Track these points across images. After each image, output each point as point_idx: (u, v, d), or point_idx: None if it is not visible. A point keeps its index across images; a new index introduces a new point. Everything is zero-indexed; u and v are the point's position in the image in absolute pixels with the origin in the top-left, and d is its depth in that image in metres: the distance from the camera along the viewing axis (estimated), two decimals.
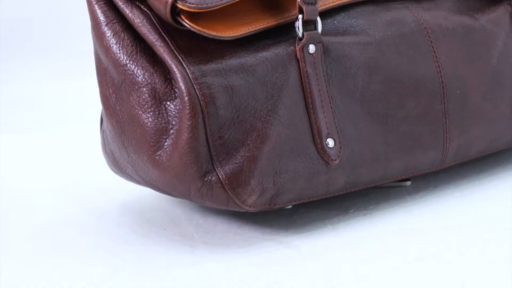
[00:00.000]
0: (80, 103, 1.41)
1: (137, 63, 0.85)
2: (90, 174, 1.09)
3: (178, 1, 0.82)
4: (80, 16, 1.21)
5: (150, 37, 0.85)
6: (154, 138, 0.85)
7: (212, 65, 0.84)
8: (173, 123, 0.84)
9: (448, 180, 1.02)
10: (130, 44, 0.86)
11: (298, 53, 0.88)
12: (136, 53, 0.86)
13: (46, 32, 1.74)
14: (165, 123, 0.84)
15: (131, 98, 0.86)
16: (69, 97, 1.47)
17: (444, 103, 0.96)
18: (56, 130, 1.31)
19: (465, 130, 0.97)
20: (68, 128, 1.31)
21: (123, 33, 0.86)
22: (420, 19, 0.97)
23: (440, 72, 0.96)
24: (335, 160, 0.88)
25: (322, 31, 0.90)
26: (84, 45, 1.22)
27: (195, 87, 0.82)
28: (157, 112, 0.85)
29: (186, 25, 0.83)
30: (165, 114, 0.84)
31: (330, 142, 0.88)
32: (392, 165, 0.93)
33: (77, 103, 1.42)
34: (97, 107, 0.95)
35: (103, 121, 0.92)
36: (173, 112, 0.84)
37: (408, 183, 1.01)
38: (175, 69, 0.83)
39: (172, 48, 0.84)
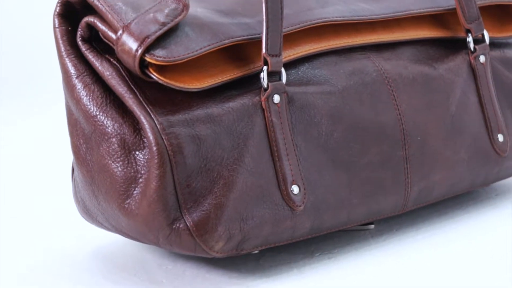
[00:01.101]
0: (51, 150, 1.40)
1: (106, 114, 0.86)
2: (62, 220, 1.09)
3: (146, 55, 0.83)
4: (51, 68, 1.21)
5: (120, 89, 0.85)
6: (124, 187, 0.85)
7: (180, 115, 0.85)
8: (142, 172, 0.84)
9: (411, 223, 1.03)
10: (100, 96, 0.87)
11: (263, 103, 0.89)
12: (106, 104, 0.86)
13: (20, 82, 1.74)
14: (134, 172, 0.85)
15: (101, 148, 0.86)
16: (39, 144, 1.47)
17: (405, 149, 0.97)
18: (28, 175, 1.31)
19: (425, 175, 0.98)
20: (40, 175, 1.30)
21: (93, 85, 0.87)
22: (381, 69, 0.98)
23: (401, 120, 0.97)
24: (299, 206, 0.89)
25: (286, 81, 0.91)
26: (55, 95, 1.23)
27: (163, 137, 0.83)
28: (126, 162, 0.85)
29: (154, 77, 0.83)
30: (134, 164, 0.85)
31: (295, 189, 0.89)
32: (356, 210, 0.94)
33: (48, 151, 1.42)
34: (69, 156, 0.96)
35: (74, 170, 0.92)
36: (142, 162, 0.84)
37: (372, 226, 1.01)
38: (143, 120, 0.84)
39: (141, 99, 0.85)
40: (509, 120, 1.07)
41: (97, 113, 0.86)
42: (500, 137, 1.05)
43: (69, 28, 0.88)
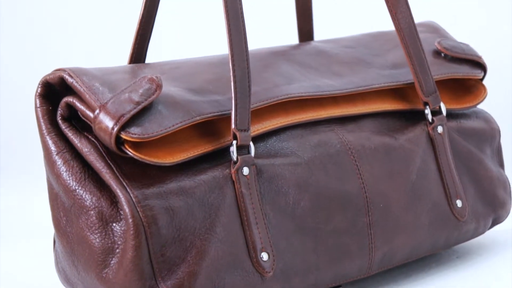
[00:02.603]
0: (35, 222, 1.42)
1: (85, 189, 0.88)
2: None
3: (121, 132, 0.85)
4: (34, 145, 1.23)
5: (97, 165, 0.88)
6: (101, 257, 0.87)
7: (154, 189, 0.87)
8: (119, 243, 0.86)
9: (376, 285, 1.05)
10: (79, 171, 0.89)
11: (233, 175, 0.91)
12: (85, 179, 0.89)
13: (2, 161, 1.76)
14: (111, 243, 0.87)
15: (80, 221, 0.88)
16: (20, 217, 1.48)
17: (369, 216, 0.99)
18: (9, 246, 1.32)
19: (389, 240, 1.01)
20: (22, 247, 1.31)
21: (73, 161, 0.89)
22: (345, 141, 1.01)
23: (364, 188, 0.99)
24: (269, 272, 0.91)
25: (255, 154, 0.93)
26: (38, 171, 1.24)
27: (138, 209, 0.85)
28: (104, 233, 0.87)
29: (129, 153, 0.86)
30: (111, 235, 0.87)
31: (264, 256, 0.91)
32: (323, 274, 0.96)
33: (29, 224, 1.43)
34: (50, 228, 0.97)
35: (56, 241, 0.94)
36: (119, 233, 0.86)
37: None
38: (119, 194, 0.86)
39: (117, 174, 0.87)
40: (467, 186, 1.09)
41: (76, 188, 0.88)
42: (459, 203, 1.07)
43: (50, 108, 0.91)
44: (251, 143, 0.92)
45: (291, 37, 1.26)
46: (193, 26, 1.81)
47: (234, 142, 0.91)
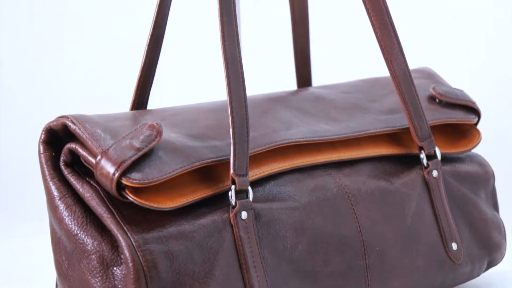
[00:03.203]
0: (37, 266, 1.42)
1: (87, 233, 0.89)
2: None
3: (122, 178, 0.86)
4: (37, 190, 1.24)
5: (99, 210, 0.88)
6: None
7: (154, 233, 0.87)
8: (119, 286, 0.87)
9: None
10: (81, 216, 0.90)
11: (231, 219, 0.92)
12: (86, 224, 0.89)
13: (7, 206, 1.77)
14: (112, 286, 0.87)
15: (82, 265, 0.89)
16: (25, 259, 1.49)
17: (365, 259, 1.00)
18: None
19: (385, 282, 1.01)
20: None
21: (75, 206, 0.90)
22: (342, 185, 1.01)
23: (361, 232, 1.00)
24: None
25: (253, 198, 0.94)
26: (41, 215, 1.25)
27: (138, 254, 0.86)
28: (104, 277, 0.87)
29: (130, 198, 0.87)
30: (112, 279, 0.87)
31: None
32: None
33: (34, 266, 1.43)
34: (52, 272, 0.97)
35: (58, 285, 0.94)
36: (119, 277, 0.87)
37: None
38: (120, 238, 0.86)
39: (118, 219, 0.87)
40: (462, 229, 1.10)
41: (78, 232, 0.89)
42: (454, 246, 1.08)
43: (53, 154, 0.92)
44: (249, 188, 0.93)
45: (290, 83, 1.27)
46: (193, 72, 1.83)
47: (233, 187, 0.92)
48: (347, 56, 1.80)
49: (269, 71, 1.72)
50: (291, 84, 1.25)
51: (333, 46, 1.79)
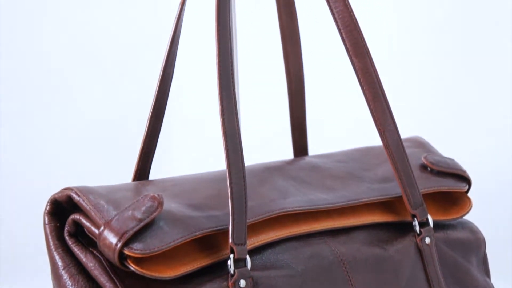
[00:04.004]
0: None
1: None
2: None
3: (124, 248, 0.87)
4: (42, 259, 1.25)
5: (101, 279, 0.89)
6: None
7: None
8: None
9: None
10: (84, 285, 0.90)
11: (230, 287, 0.92)
12: None
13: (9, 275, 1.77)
14: None
15: None
16: None
17: None
18: None
19: None
20: None
21: (78, 275, 0.91)
22: (337, 252, 1.02)
23: None
24: None
25: (251, 266, 0.95)
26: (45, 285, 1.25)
27: None
28: None
29: (132, 268, 0.87)
30: None
31: None
32: None
33: None
34: None
35: None
36: None
37: None
38: None
39: None
40: None
41: None
42: None
43: (57, 225, 0.93)
44: (248, 257, 0.94)
45: (287, 152, 1.28)
46: (194, 144, 1.85)
47: (231, 256, 0.93)
48: (341, 125, 1.83)
49: (266, 141, 1.73)
50: (287, 153, 1.27)
51: (328, 117, 1.82)
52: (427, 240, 1.09)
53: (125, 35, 1.88)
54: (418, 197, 1.09)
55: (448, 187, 1.14)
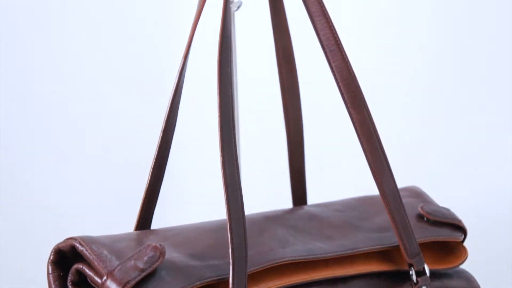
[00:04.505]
0: None
1: None
2: None
3: None
4: None
5: None
6: None
7: None
8: None
9: None
10: None
11: None
12: None
13: None
14: None
15: None
16: None
17: None
18: None
19: None
20: None
21: None
22: None
23: None
24: None
25: None
26: None
27: None
28: None
29: None
30: None
31: None
32: None
33: None
34: None
35: None
36: None
37: None
38: None
39: None
40: None
41: None
42: None
43: (61, 274, 0.94)
44: None
45: (286, 200, 1.29)
46: (196, 193, 1.86)
47: None
48: (340, 174, 1.84)
49: (266, 190, 1.74)
50: (287, 201, 1.28)
51: (327, 165, 1.83)
52: None
53: (128, 85, 1.90)
54: (415, 247, 1.10)
55: (444, 237, 1.15)
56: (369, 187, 1.31)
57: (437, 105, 1.88)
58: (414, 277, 1.10)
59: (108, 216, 1.85)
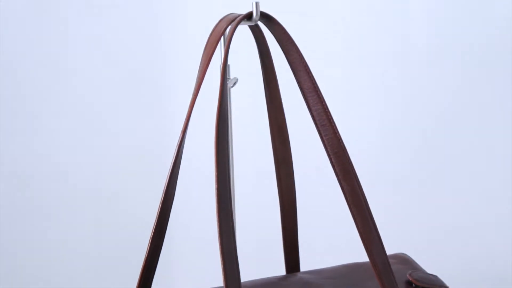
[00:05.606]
0: None
1: None
2: None
3: None
4: None
5: None
6: None
7: None
8: None
9: None
10: None
11: None
12: None
13: None
14: None
15: None
16: None
17: None
18: None
19: None
20: None
21: None
22: None
23: None
24: None
25: None
26: None
27: None
28: None
29: None
30: None
31: None
32: None
33: None
34: None
35: None
36: None
37: None
38: None
39: None
40: None
41: None
42: None
43: None
44: None
45: (279, 268, 1.31)
46: (194, 262, 1.86)
47: None
48: (332, 242, 1.85)
49: (260, 257, 1.76)
50: (280, 269, 1.29)
51: (319, 234, 1.85)
52: None
53: (124, 160, 1.90)
54: None
55: None
56: (360, 254, 1.32)
57: (427, 178, 1.89)
58: None
59: (108, 284, 1.85)
